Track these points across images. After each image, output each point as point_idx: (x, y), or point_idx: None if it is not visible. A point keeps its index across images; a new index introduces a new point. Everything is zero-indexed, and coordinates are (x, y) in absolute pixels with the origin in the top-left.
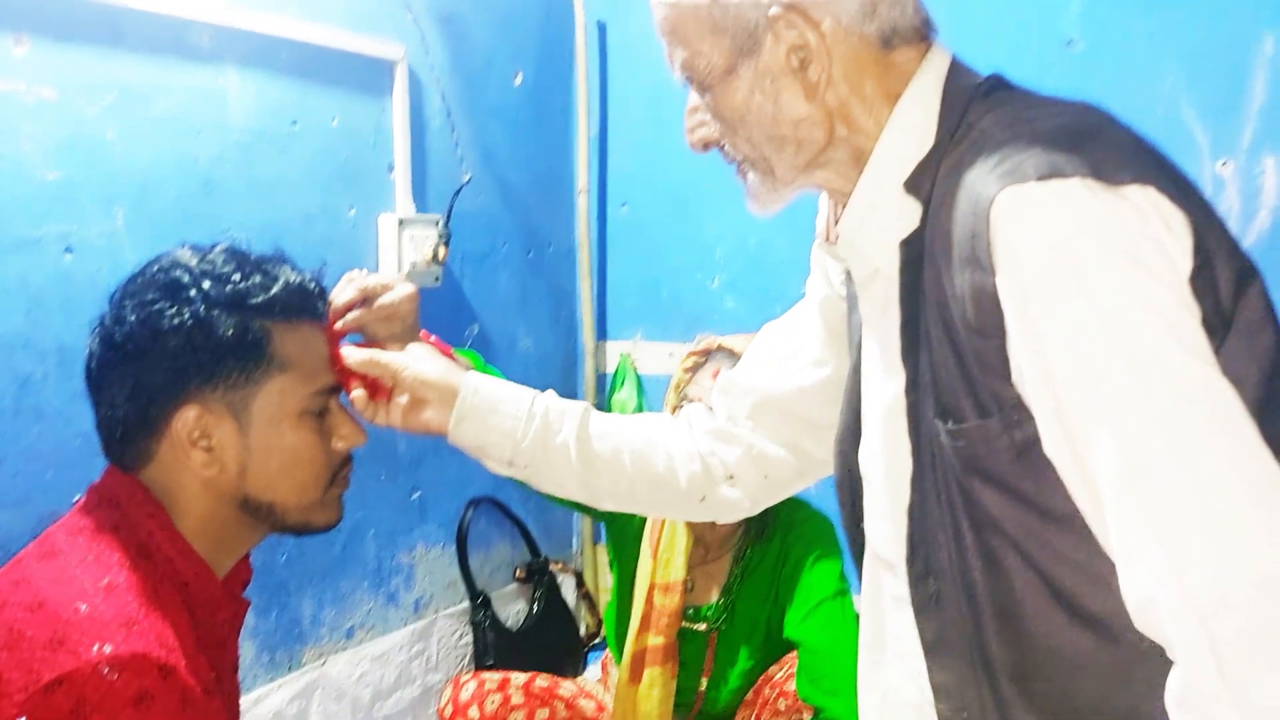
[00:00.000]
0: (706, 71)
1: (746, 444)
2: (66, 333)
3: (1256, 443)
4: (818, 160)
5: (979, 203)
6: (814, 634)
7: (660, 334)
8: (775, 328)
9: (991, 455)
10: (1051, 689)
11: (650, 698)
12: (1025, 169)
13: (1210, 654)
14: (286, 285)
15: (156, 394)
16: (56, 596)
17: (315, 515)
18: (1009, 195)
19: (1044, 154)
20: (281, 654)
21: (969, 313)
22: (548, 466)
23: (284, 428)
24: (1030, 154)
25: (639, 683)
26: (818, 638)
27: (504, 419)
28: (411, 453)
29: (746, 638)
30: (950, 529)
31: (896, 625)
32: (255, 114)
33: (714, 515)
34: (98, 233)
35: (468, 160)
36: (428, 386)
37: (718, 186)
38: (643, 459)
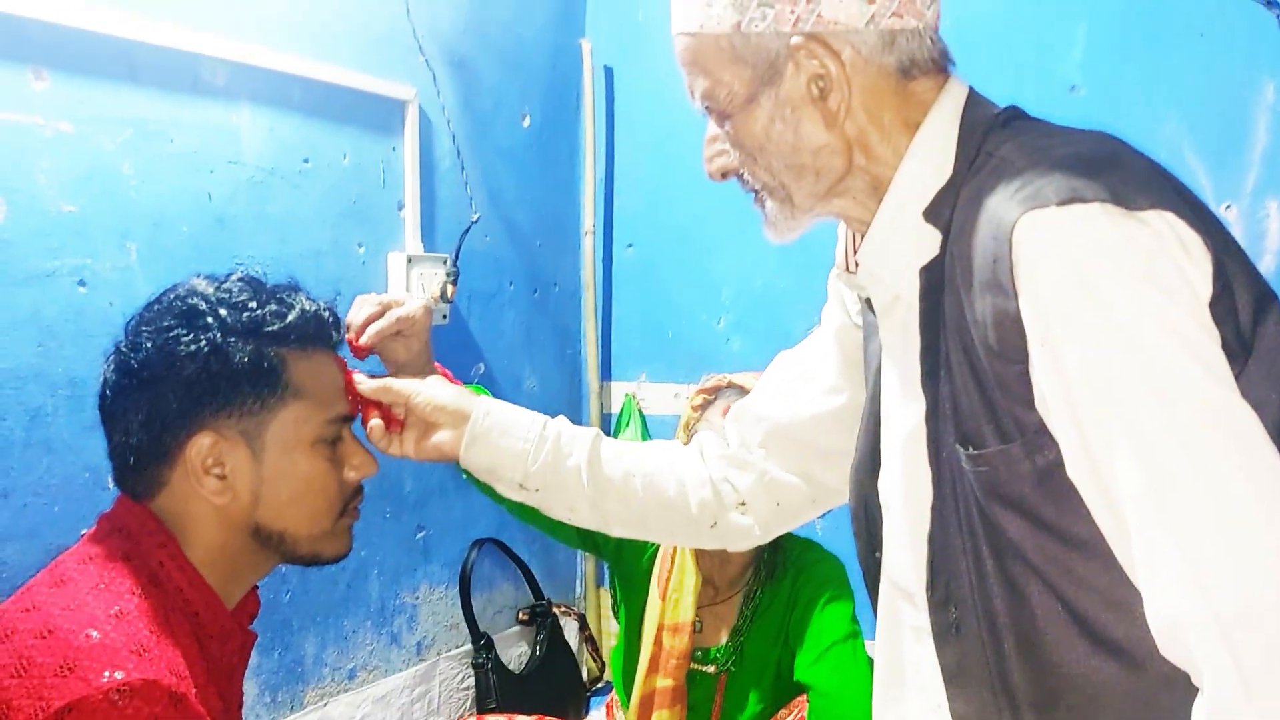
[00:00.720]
0: (727, 100)
1: (759, 471)
2: (78, 365)
3: (1276, 463)
4: (836, 189)
5: (1000, 227)
6: (825, 677)
7: (665, 375)
8: (789, 356)
9: (1013, 481)
10: (1074, 718)
11: None
12: (1046, 194)
13: (1235, 672)
14: (302, 314)
15: (171, 421)
16: (67, 624)
17: (326, 545)
18: (1030, 220)
19: (1064, 179)
20: (284, 694)
21: (990, 337)
22: (559, 489)
23: (297, 456)
24: (1050, 179)
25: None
26: (829, 681)
27: (515, 441)
28: (417, 491)
29: (756, 680)
30: (971, 556)
31: (915, 656)
32: (268, 151)
33: (725, 542)
34: (111, 266)
35: (476, 200)
36: (440, 410)
37: (724, 228)
38: (654, 484)
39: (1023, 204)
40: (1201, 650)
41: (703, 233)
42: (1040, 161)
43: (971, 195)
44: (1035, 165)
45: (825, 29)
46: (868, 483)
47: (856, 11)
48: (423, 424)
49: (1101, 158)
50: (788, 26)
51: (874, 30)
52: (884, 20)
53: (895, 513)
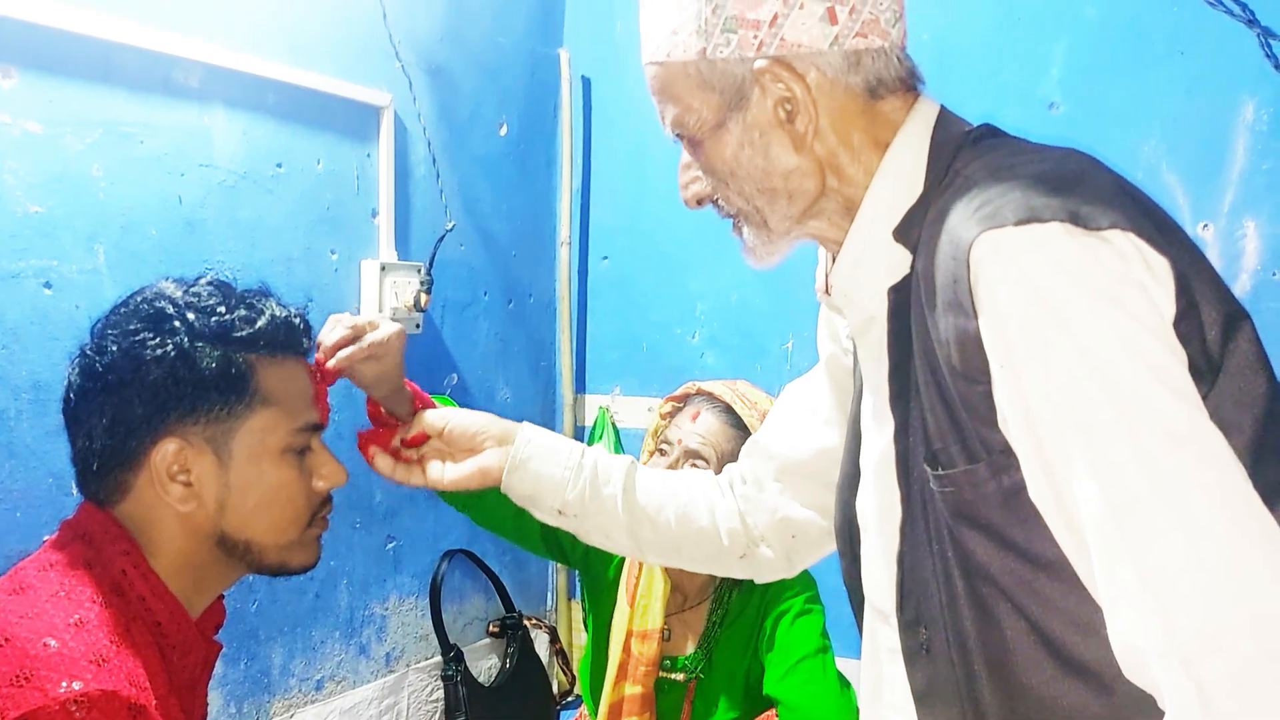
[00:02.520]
0: (697, 127)
1: (771, 507)
2: (42, 369)
3: (1243, 484)
4: (810, 211)
5: (959, 247)
6: (794, 692)
7: (640, 388)
8: (794, 389)
9: (979, 501)
10: None
11: None
12: (1004, 214)
13: (1197, 699)
14: (272, 319)
15: (136, 426)
16: (24, 632)
17: (293, 555)
18: (988, 240)
19: (1023, 198)
20: (249, 705)
21: (954, 357)
22: (596, 516)
23: (265, 464)
24: (1009, 199)
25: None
26: (798, 695)
27: (555, 469)
28: (388, 502)
29: (725, 689)
30: (941, 577)
31: (892, 675)
32: (240, 155)
33: (754, 573)
34: (78, 269)
35: (451, 208)
36: (483, 434)
37: (700, 242)
38: (687, 514)
39: (981, 223)
40: (1163, 674)
41: (678, 247)
42: (1002, 180)
43: (937, 214)
44: (997, 184)
45: (789, 52)
46: (850, 503)
47: (819, 34)
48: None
49: (1065, 176)
50: (751, 51)
51: (838, 51)
52: (848, 41)
53: (871, 533)
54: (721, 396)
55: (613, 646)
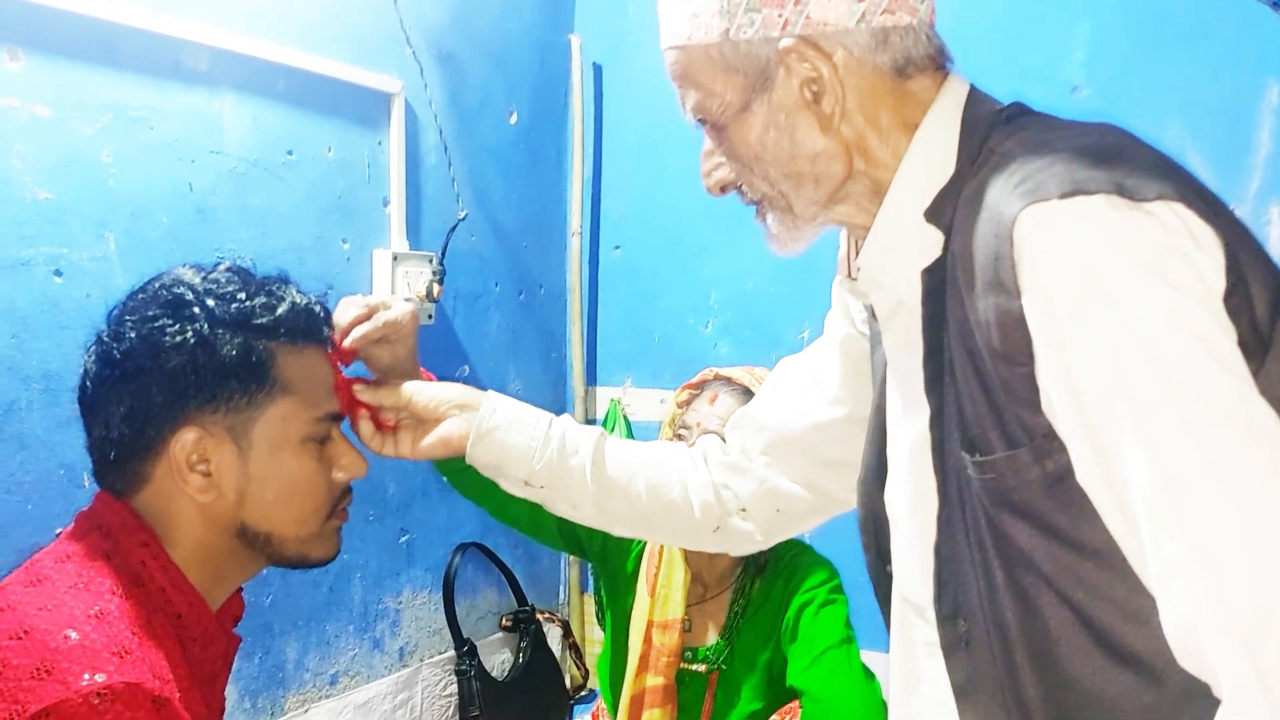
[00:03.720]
0: (720, 111)
1: (759, 479)
2: (53, 358)
3: None
4: (837, 195)
5: (1001, 223)
6: (819, 683)
7: (651, 380)
8: (793, 364)
9: (1022, 488)
10: None
11: None
12: (1048, 187)
13: (1256, 679)
14: (293, 307)
15: (155, 414)
16: (44, 624)
17: (313, 548)
18: (1031, 214)
19: (1067, 171)
20: (264, 700)
21: (994, 339)
22: (563, 488)
23: (285, 454)
24: (1052, 172)
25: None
26: (823, 687)
27: (522, 439)
28: (401, 495)
29: (748, 680)
30: (979, 567)
31: (929, 670)
32: (251, 142)
33: (727, 546)
34: (88, 256)
35: (462, 198)
36: (446, 404)
37: (713, 230)
38: (657, 486)
39: (1023, 198)
40: (1219, 658)
41: (691, 235)
42: (1042, 154)
43: (973, 192)
44: (1037, 158)
45: (815, 31)
46: (875, 495)
47: (846, 11)
48: (421, 423)
49: (1107, 149)
50: (776, 30)
51: (865, 29)
52: (875, 18)
53: (903, 525)
54: (739, 380)
55: (633, 638)
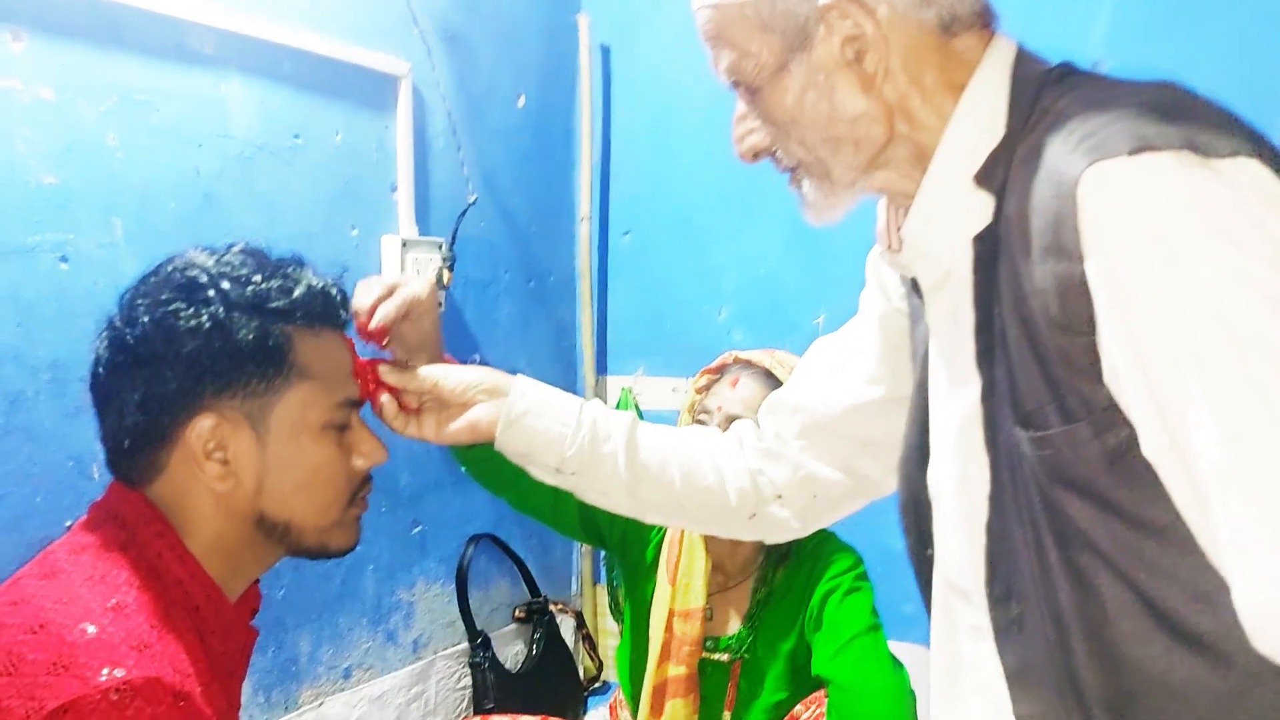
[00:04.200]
0: (755, 73)
1: (794, 464)
2: (60, 347)
3: None
4: (877, 160)
5: (1063, 184)
6: (846, 671)
7: (663, 369)
8: (827, 344)
9: (1081, 464)
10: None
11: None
12: (1114, 143)
13: None
14: (309, 289)
15: (170, 401)
16: (59, 618)
17: (333, 537)
18: (1097, 172)
19: (1133, 127)
20: (278, 693)
21: (1053, 307)
22: (595, 475)
23: (304, 441)
24: (1118, 129)
25: (660, 715)
26: (850, 675)
27: (553, 424)
28: (413, 486)
29: (771, 668)
30: (1032, 547)
31: (975, 655)
32: (257, 126)
33: (763, 534)
34: (95, 243)
35: (470, 183)
36: (474, 388)
37: (725, 214)
38: (692, 472)
39: (1087, 155)
40: None
41: (703, 219)
42: (1104, 111)
43: (1028, 153)
44: (1099, 115)
45: None
46: (917, 476)
47: None
48: (446, 406)
49: (1173, 104)
50: None
51: None
52: None
53: (947, 506)
54: (760, 362)
55: (654, 627)
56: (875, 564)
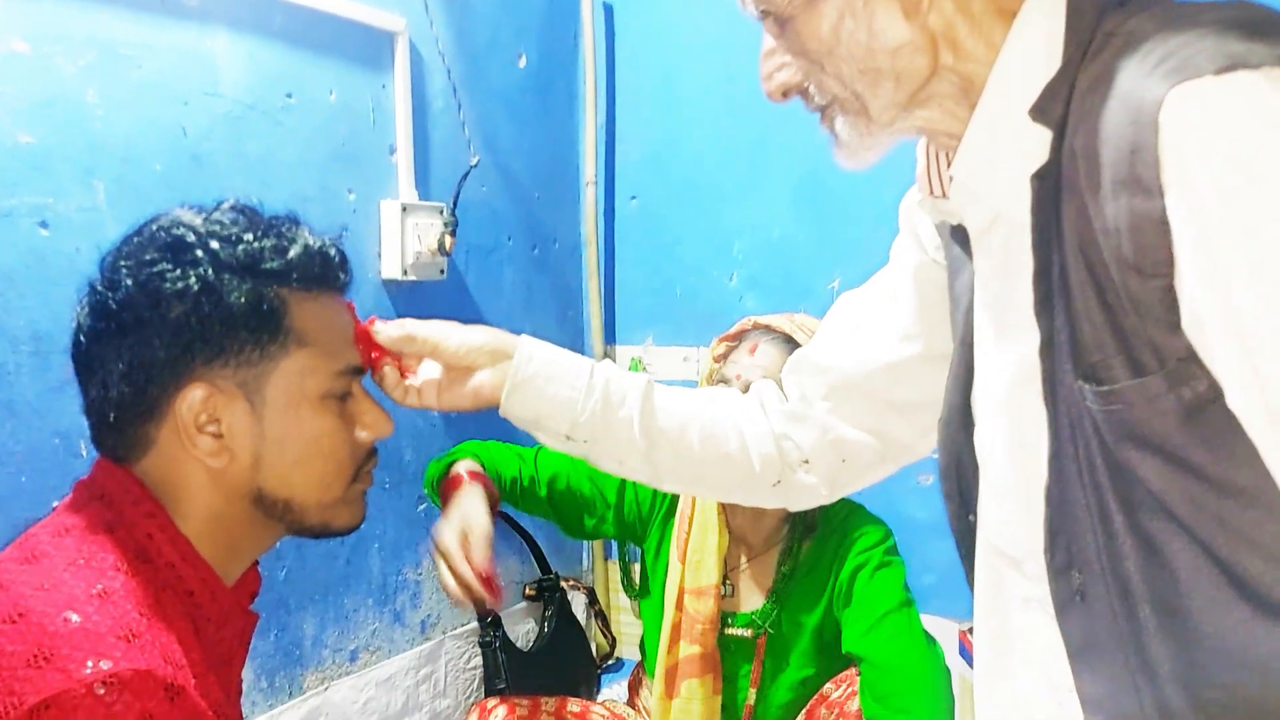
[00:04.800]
0: (787, 1)
1: (821, 426)
2: (42, 318)
3: None
4: (919, 96)
5: (1141, 110)
6: (879, 648)
7: (674, 337)
8: (854, 299)
9: (1154, 420)
10: (1230, 697)
11: (689, 712)
12: (1198, 63)
13: None
14: (305, 249)
15: (157, 371)
16: (40, 606)
17: (336, 515)
18: (1180, 95)
19: (1218, 45)
20: (282, 679)
21: (1125, 247)
22: (608, 442)
23: (303, 412)
24: (1201, 48)
25: (675, 696)
26: (883, 652)
27: (562, 389)
28: (418, 462)
29: (796, 644)
30: (1096, 513)
31: (1026, 627)
32: (247, 84)
33: (788, 501)
34: (76, 206)
35: (472, 144)
36: (477, 352)
37: (735, 176)
38: (712, 438)
39: (1169, 77)
40: None
41: (712, 182)
42: (1183, 30)
43: (1094, 81)
44: (1177, 35)
45: None
46: (960, 438)
47: None
48: (448, 370)
49: (1259, 21)
50: None
51: None
52: None
53: (996, 469)
54: (780, 327)
55: (666, 607)
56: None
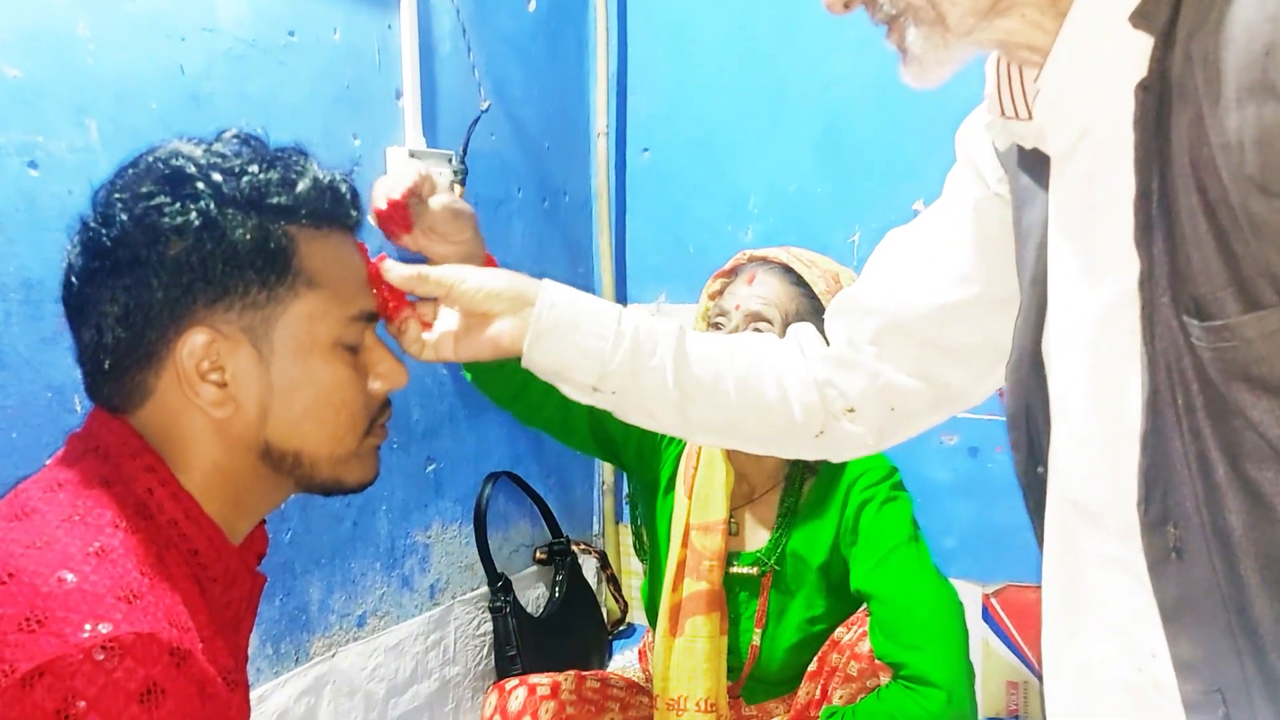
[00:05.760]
0: None
1: (870, 373)
2: (32, 264)
3: None
4: (1001, 4)
5: None
6: (887, 584)
7: (687, 294)
8: (904, 236)
9: (1272, 358)
10: None
11: (694, 651)
12: None
13: None
14: (315, 183)
15: (156, 313)
16: (32, 565)
17: (349, 470)
18: None
19: None
20: (287, 645)
21: (1249, 163)
22: (638, 393)
23: (314, 360)
24: None
25: (679, 634)
26: (892, 588)
27: (588, 337)
28: (427, 421)
29: (803, 582)
30: (1194, 462)
31: (1104, 588)
32: (248, 19)
33: (831, 453)
34: (67, 146)
35: (482, 89)
36: (495, 298)
37: (751, 127)
38: (750, 386)
39: None
40: None
41: (727, 134)
42: None
43: None
44: None
45: None
46: (1031, 384)
47: None
48: (465, 318)
49: None
50: None
51: None
52: None
53: (1077, 416)
54: (776, 258)
55: (672, 544)
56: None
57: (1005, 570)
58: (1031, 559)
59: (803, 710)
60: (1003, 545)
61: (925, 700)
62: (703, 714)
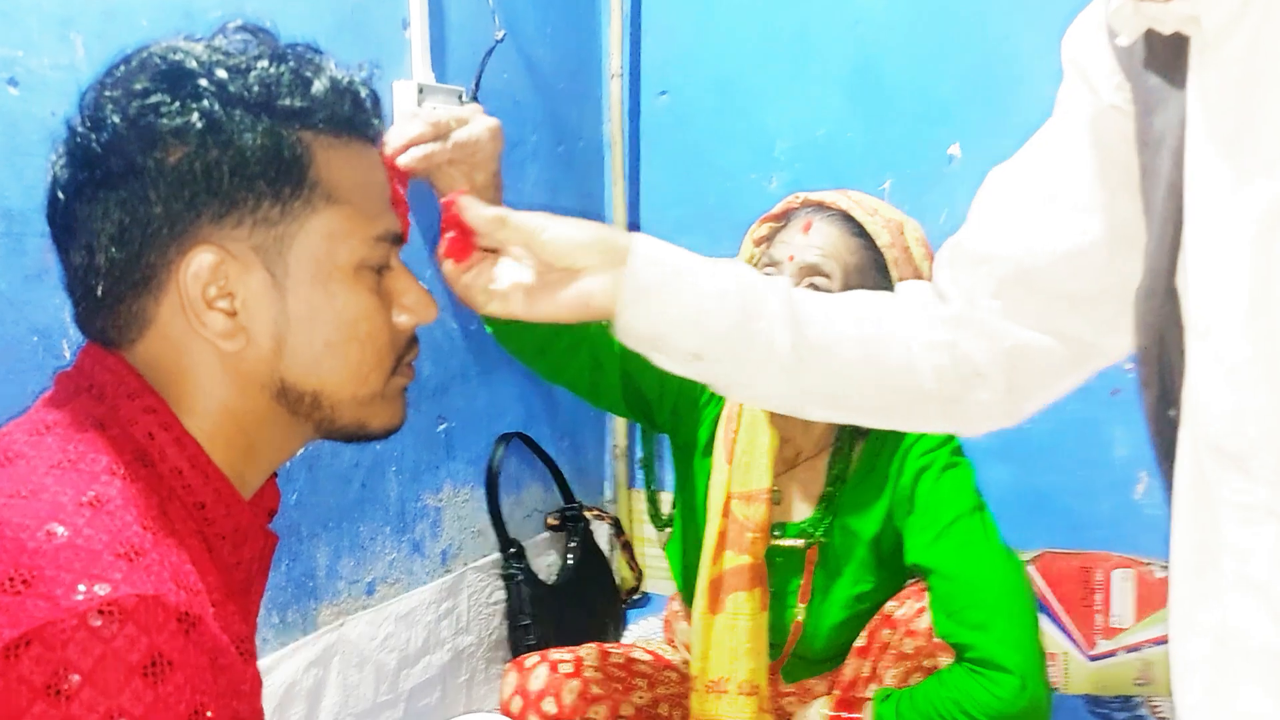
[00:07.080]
0: None
1: (994, 332)
2: (13, 193)
3: None
4: None
5: None
6: (949, 559)
7: (707, 248)
8: (1010, 172)
9: None
10: None
11: (735, 630)
12: None
13: None
14: (333, 84)
15: (155, 230)
16: (17, 517)
17: (374, 413)
18: None
19: None
20: (294, 613)
21: None
22: (745, 361)
23: (334, 286)
24: None
25: (720, 611)
26: (954, 562)
27: (693, 299)
28: (438, 377)
29: (851, 555)
30: None
31: (1242, 540)
32: None
33: (963, 426)
34: (50, 63)
35: (496, 18)
36: (584, 249)
37: (776, 68)
38: (873, 351)
39: None
40: None
41: (750, 76)
42: None
43: None
44: None
45: None
46: (1165, 311)
47: None
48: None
49: None
50: None
51: None
52: None
53: (1224, 342)
54: (835, 204)
55: (711, 514)
56: None
57: (1042, 537)
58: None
59: (848, 686)
60: (1040, 510)
61: (995, 686)
62: (745, 696)
